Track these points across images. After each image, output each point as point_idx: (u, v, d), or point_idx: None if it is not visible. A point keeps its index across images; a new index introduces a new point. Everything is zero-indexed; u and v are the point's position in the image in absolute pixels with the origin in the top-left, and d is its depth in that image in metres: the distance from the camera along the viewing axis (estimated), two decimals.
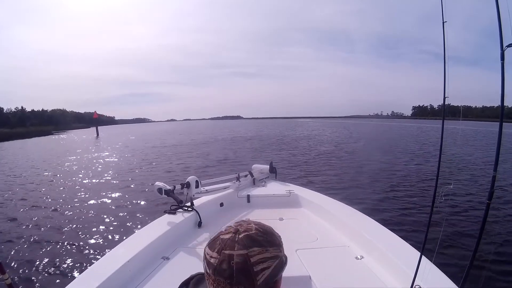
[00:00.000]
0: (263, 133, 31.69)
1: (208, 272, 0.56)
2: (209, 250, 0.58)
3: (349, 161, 12.21)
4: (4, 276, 1.49)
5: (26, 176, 10.42)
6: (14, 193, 7.82)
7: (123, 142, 25.34)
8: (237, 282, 0.53)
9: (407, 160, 12.30)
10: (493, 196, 1.01)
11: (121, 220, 5.29)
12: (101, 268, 1.55)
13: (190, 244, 2.09)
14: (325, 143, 19.52)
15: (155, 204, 6.15)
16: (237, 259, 0.53)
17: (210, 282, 0.56)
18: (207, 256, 0.58)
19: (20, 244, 4.23)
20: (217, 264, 0.54)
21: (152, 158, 13.80)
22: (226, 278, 0.53)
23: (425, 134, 28.32)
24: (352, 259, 1.80)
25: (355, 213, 2.49)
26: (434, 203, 1.13)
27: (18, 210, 6.18)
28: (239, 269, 0.53)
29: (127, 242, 1.95)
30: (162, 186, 2.43)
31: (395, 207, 5.95)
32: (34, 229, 4.91)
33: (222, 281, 0.53)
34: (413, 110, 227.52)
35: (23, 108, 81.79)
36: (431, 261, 1.38)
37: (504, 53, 0.89)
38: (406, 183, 8.28)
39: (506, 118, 1.12)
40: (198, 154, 14.97)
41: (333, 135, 27.13)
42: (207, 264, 0.57)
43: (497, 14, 0.89)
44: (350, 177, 9.10)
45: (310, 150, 15.75)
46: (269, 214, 2.84)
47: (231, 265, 0.53)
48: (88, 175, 10.20)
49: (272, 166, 3.97)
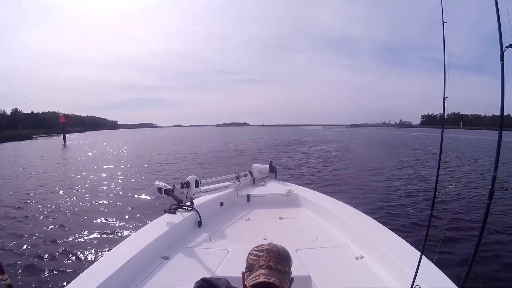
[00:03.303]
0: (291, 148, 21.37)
1: (260, 255, 0.89)
2: (257, 247, 0.93)
3: (356, 164, 12.19)
4: (4, 276, 1.48)
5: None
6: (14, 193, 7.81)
7: (78, 160, 16.02)
8: (282, 258, 0.89)
9: (409, 163, 12.32)
10: (493, 196, 1.01)
11: (121, 220, 5.29)
12: (101, 268, 1.55)
13: (190, 243, 2.09)
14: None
15: (155, 203, 6.16)
16: (280, 247, 0.93)
17: (262, 259, 0.87)
18: (258, 248, 0.93)
19: (20, 245, 4.23)
20: (270, 248, 0.91)
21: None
22: (276, 254, 0.89)
23: (431, 142, 27.86)
24: (352, 259, 1.80)
25: (355, 213, 2.49)
26: (434, 203, 1.13)
27: (18, 210, 6.18)
28: (283, 253, 0.91)
29: (127, 242, 1.95)
30: (162, 185, 2.43)
31: (396, 207, 5.94)
32: (34, 229, 4.91)
33: (274, 255, 0.88)
34: (422, 119, 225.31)
35: (17, 110, 78.95)
36: (431, 261, 1.38)
37: (504, 53, 0.89)
38: (407, 183, 8.28)
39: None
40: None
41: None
42: (259, 251, 0.91)
43: (497, 15, 0.89)
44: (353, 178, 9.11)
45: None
46: (269, 214, 2.84)
47: (278, 248, 0.92)
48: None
49: (272, 165, 3.97)
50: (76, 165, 13.52)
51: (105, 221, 5.26)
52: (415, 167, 11.32)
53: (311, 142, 26.61)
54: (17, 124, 68.36)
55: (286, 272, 0.87)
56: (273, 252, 0.89)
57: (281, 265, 0.87)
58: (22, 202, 6.77)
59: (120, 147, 25.46)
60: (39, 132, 56.12)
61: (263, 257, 0.88)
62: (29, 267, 3.51)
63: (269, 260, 0.86)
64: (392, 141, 30.74)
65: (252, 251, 0.93)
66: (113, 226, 5.01)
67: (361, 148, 20.07)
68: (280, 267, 0.86)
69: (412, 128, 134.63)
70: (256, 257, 0.89)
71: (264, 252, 0.89)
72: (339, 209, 2.60)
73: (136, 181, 9.05)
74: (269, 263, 0.86)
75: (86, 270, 1.53)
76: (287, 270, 0.88)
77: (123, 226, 4.98)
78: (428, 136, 37.00)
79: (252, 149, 20.29)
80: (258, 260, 0.88)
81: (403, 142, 28.26)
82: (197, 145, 25.49)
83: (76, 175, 10.50)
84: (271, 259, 0.87)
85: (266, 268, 0.85)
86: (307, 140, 30.41)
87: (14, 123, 67.37)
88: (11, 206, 6.42)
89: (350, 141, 29.54)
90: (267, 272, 0.84)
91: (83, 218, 5.49)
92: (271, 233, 2.32)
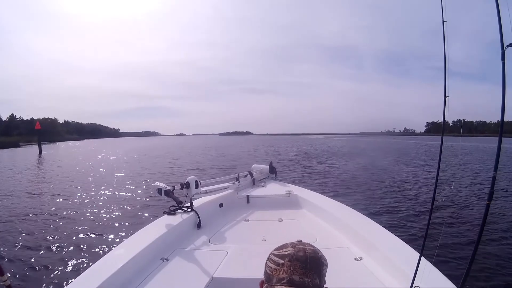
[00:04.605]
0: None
1: (281, 263, 0.68)
2: (278, 251, 0.71)
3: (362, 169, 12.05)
4: (3, 277, 1.47)
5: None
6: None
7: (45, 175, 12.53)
8: (310, 266, 0.66)
9: (410, 166, 12.30)
10: (493, 196, 1.01)
11: (120, 222, 5.28)
12: (100, 269, 1.54)
13: (189, 245, 2.08)
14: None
15: (154, 204, 6.15)
16: (309, 250, 0.69)
17: (283, 271, 0.66)
18: (279, 252, 0.70)
19: (20, 245, 4.22)
20: (294, 252, 0.68)
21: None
22: (302, 262, 0.66)
23: (435, 149, 27.45)
24: (352, 260, 1.79)
25: (354, 214, 2.48)
26: (433, 203, 1.13)
27: (18, 210, 6.17)
28: (312, 257, 0.68)
29: (126, 243, 1.94)
30: (162, 186, 2.42)
31: (395, 208, 5.94)
32: (34, 230, 4.90)
33: (298, 264, 0.66)
34: (427, 127, 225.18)
35: (14, 115, 77.27)
36: (431, 262, 1.38)
37: (505, 52, 0.89)
38: (407, 184, 8.29)
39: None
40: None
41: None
42: (280, 257, 0.69)
43: (497, 14, 0.89)
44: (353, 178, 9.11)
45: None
46: (269, 215, 2.83)
47: (306, 253, 0.68)
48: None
49: (272, 166, 3.97)
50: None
51: (104, 223, 5.25)
52: (416, 168, 11.34)
53: (327, 154, 22.60)
54: (12, 130, 66.68)
55: (317, 285, 0.66)
56: (298, 259, 0.67)
57: (309, 277, 0.65)
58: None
59: (103, 158, 20.97)
60: (34, 140, 50.95)
61: (285, 267, 0.67)
62: (29, 268, 3.49)
63: (292, 272, 0.65)
64: (403, 148, 29.47)
65: (272, 256, 0.71)
66: (112, 228, 5.00)
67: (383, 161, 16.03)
68: (308, 281, 0.64)
69: (417, 136, 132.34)
70: (275, 266, 0.68)
71: (286, 259, 0.67)
72: (338, 210, 2.60)
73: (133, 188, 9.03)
74: (291, 276, 0.65)
75: (85, 272, 1.52)
76: (318, 282, 0.66)
77: (122, 228, 4.97)
78: (432, 144, 35.96)
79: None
80: (278, 271, 0.67)
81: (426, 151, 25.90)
82: (178, 157, 20.92)
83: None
84: (295, 270, 0.65)
85: (288, 284, 0.64)
86: (320, 149, 27.23)
87: (8, 129, 65.70)
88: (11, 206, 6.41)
89: (365, 152, 23.97)
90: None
91: (82, 219, 5.48)
92: (270, 234, 2.32)
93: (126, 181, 9.46)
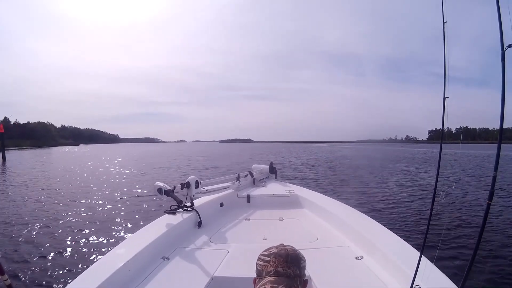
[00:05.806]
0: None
1: (267, 260, 0.85)
2: (265, 251, 0.89)
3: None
4: (4, 277, 1.48)
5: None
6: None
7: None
8: (291, 260, 0.84)
9: (411, 168, 12.27)
10: (493, 196, 1.01)
11: (121, 221, 5.29)
12: (101, 268, 1.54)
13: (190, 244, 2.09)
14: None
15: (155, 204, 6.15)
16: (289, 249, 0.89)
17: (270, 265, 0.84)
18: (265, 252, 0.88)
19: (20, 245, 4.22)
20: (278, 251, 0.87)
21: None
22: (284, 257, 0.85)
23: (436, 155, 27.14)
24: (352, 259, 1.80)
25: (355, 213, 2.48)
26: (434, 203, 1.13)
27: (18, 210, 6.17)
28: (292, 254, 0.87)
29: (127, 242, 1.95)
30: (162, 186, 2.42)
31: (396, 207, 5.95)
32: (34, 230, 4.91)
33: (282, 259, 0.84)
34: (429, 134, 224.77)
35: (6, 118, 73.90)
36: (431, 261, 1.38)
37: (505, 53, 0.89)
38: (407, 184, 8.28)
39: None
40: None
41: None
42: (266, 255, 0.87)
43: (498, 14, 0.89)
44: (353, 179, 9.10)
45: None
46: (269, 214, 2.84)
47: (286, 251, 0.87)
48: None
49: (272, 166, 3.97)
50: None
51: (105, 222, 5.26)
52: (417, 169, 11.32)
53: (348, 167, 17.67)
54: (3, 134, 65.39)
55: (297, 275, 0.83)
56: (280, 255, 0.85)
57: (290, 269, 0.83)
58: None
59: (81, 168, 17.40)
60: (25, 144, 47.91)
61: (271, 262, 0.84)
62: (29, 267, 3.50)
63: (277, 265, 0.83)
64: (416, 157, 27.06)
65: (260, 256, 0.89)
66: (113, 227, 5.01)
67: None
68: (290, 272, 0.82)
69: (421, 144, 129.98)
70: (264, 263, 0.86)
71: (271, 256, 0.86)
72: (339, 209, 2.60)
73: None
74: (277, 269, 0.82)
75: (86, 271, 1.52)
76: (298, 273, 0.84)
77: (123, 227, 4.98)
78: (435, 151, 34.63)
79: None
80: (266, 266, 0.84)
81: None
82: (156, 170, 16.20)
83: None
84: (279, 263, 0.83)
85: (274, 274, 0.82)
86: (337, 161, 22.16)
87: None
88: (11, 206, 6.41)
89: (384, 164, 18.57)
90: (275, 279, 0.80)
91: (83, 218, 5.49)
92: (271, 233, 2.32)
93: (126, 181, 9.46)
